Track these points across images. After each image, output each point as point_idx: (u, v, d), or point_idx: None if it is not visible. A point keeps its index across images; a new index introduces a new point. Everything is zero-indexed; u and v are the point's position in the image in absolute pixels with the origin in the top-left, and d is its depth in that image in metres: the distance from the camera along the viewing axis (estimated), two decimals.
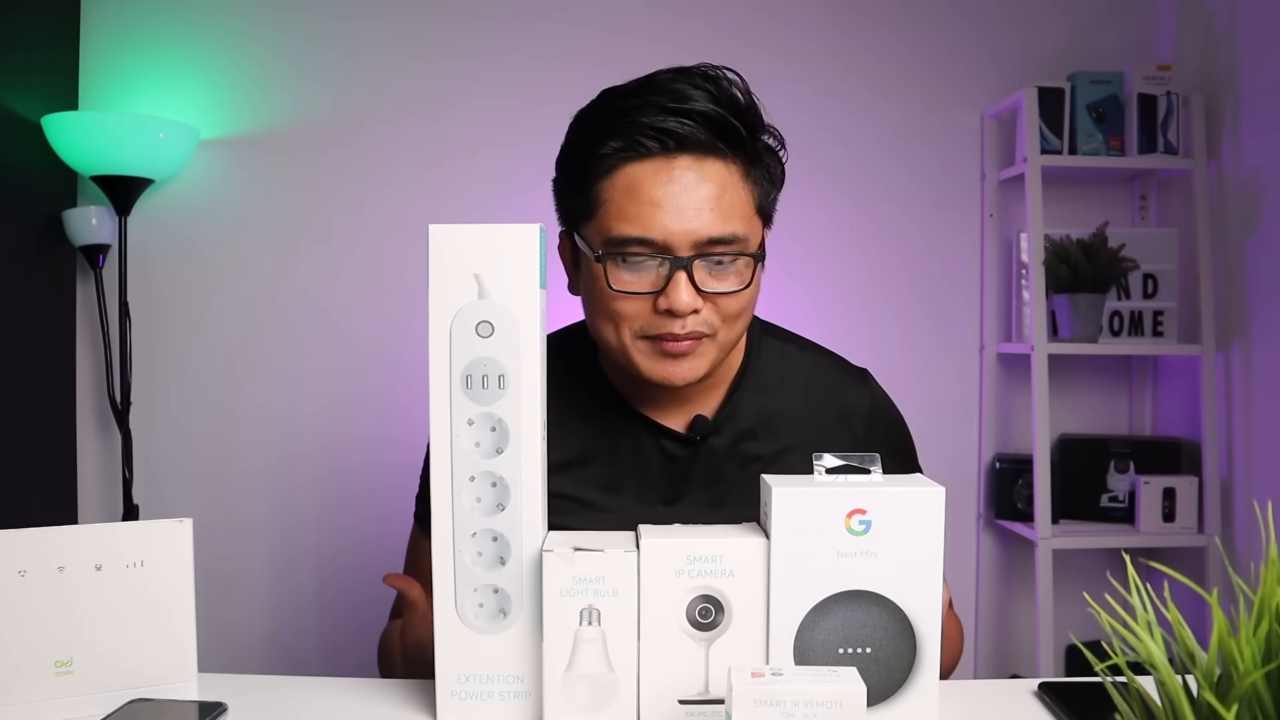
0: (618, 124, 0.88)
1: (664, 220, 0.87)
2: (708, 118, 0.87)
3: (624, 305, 0.89)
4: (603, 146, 0.89)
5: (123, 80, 2.03)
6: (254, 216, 2.06)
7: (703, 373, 0.92)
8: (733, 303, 0.90)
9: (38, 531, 0.77)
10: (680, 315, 0.88)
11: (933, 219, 2.14)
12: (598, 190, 0.90)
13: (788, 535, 0.73)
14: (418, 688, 0.85)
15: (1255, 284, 1.88)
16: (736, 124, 0.88)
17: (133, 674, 0.80)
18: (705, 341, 0.90)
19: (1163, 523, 1.96)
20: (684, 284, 0.87)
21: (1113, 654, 0.53)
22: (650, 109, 0.87)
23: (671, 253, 0.87)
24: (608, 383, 1.01)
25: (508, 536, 0.77)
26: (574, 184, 0.92)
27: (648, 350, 0.91)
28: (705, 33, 2.07)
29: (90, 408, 2.04)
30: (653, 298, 0.88)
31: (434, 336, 0.76)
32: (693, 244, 0.87)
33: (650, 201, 0.87)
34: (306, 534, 2.07)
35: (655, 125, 0.87)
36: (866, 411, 1.03)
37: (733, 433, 1.00)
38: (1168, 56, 2.11)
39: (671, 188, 0.87)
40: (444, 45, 2.06)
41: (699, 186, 0.87)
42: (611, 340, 0.92)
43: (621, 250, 0.88)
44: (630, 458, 0.99)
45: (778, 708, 0.61)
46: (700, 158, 0.88)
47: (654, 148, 0.87)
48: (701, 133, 0.87)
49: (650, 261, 0.88)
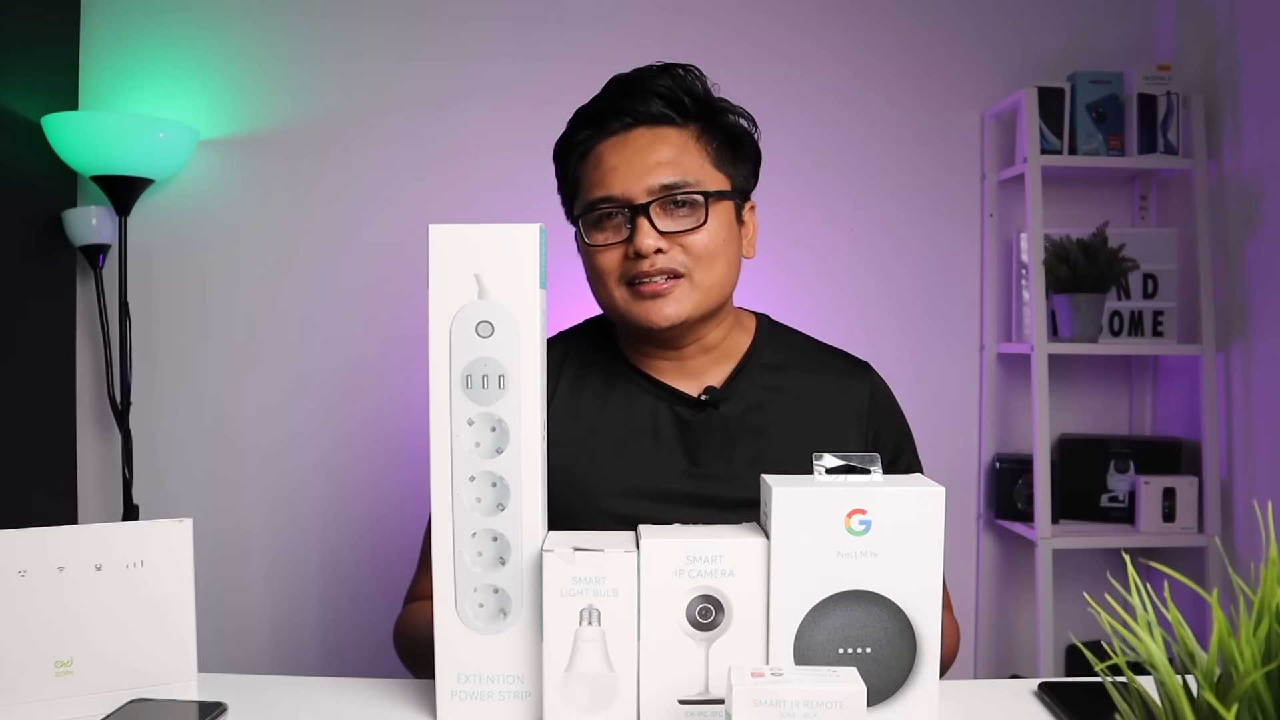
0: (588, 117, 1.04)
1: (620, 178, 1.00)
2: (659, 94, 1.02)
3: (603, 259, 1.01)
4: (578, 135, 1.04)
5: (123, 80, 2.03)
6: (254, 216, 2.06)
7: (685, 313, 1.00)
8: (696, 241, 1.00)
9: (38, 531, 0.77)
10: (645, 255, 0.98)
11: (933, 219, 2.14)
12: (577, 174, 1.05)
13: (788, 535, 0.73)
14: (418, 688, 0.85)
15: (1255, 284, 1.88)
16: (684, 96, 1.02)
17: (133, 674, 0.80)
18: (681, 283, 1.00)
19: (1163, 523, 1.96)
20: (644, 227, 0.98)
21: (1113, 654, 0.53)
22: (612, 97, 1.04)
23: (631, 203, 0.99)
24: (625, 360, 1.09)
25: (508, 536, 0.77)
26: (562, 177, 1.08)
27: (629, 296, 1.01)
28: (705, 32, 2.07)
29: (90, 408, 2.04)
30: (624, 246, 1.00)
31: (434, 336, 0.76)
32: (647, 191, 0.99)
33: (609, 166, 1.01)
34: (306, 534, 2.07)
35: (615, 106, 1.02)
36: (867, 397, 1.09)
37: (741, 404, 1.06)
38: (1168, 56, 2.11)
39: (627, 152, 1.01)
40: (444, 45, 2.06)
41: (652, 147, 1.01)
42: (604, 298, 1.03)
43: (591, 211, 1.01)
44: (645, 420, 1.06)
45: (778, 708, 0.61)
46: (654, 127, 1.02)
47: (616, 126, 1.02)
48: (654, 106, 1.01)
49: (616, 216, 1.01)
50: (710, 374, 1.07)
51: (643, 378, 1.07)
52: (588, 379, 1.08)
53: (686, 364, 1.07)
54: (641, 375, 1.08)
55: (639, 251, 0.98)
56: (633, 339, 1.08)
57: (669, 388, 1.06)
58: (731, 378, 1.07)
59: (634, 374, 1.08)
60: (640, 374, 1.08)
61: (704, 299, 1.01)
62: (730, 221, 1.03)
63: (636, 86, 1.02)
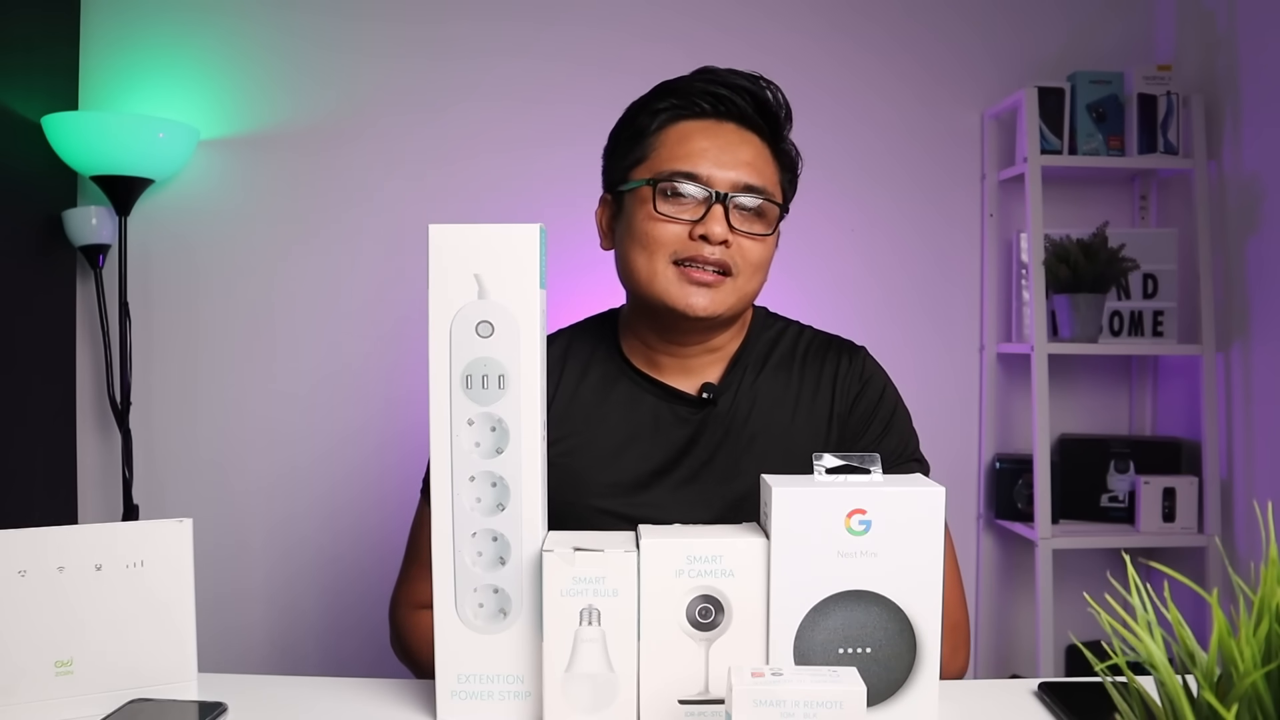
0: (675, 90, 1.03)
1: (710, 162, 0.99)
2: (752, 95, 1.03)
3: (663, 230, 0.99)
4: (661, 103, 1.03)
5: (123, 80, 2.03)
6: (254, 216, 2.06)
7: (719, 311, 0.99)
8: (755, 249, 1.00)
9: (38, 531, 0.77)
10: (713, 242, 0.98)
11: (933, 219, 2.14)
12: (652, 141, 1.03)
13: (788, 535, 0.73)
14: (418, 688, 0.85)
15: (1255, 284, 1.88)
16: (773, 109, 1.04)
17: (133, 674, 0.80)
18: (728, 282, 1.00)
19: (1163, 523, 1.96)
20: (720, 215, 0.98)
21: (1113, 654, 0.53)
22: (705, 81, 1.03)
23: (714, 188, 0.99)
24: (625, 358, 1.09)
25: (508, 536, 0.77)
26: (629, 140, 1.05)
27: (674, 277, 0.99)
28: (705, 33, 2.07)
29: (90, 408, 2.04)
30: (690, 225, 0.99)
31: (434, 336, 0.76)
32: (731, 185, 0.99)
33: (699, 147, 1.00)
34: (306, 534, 2.07)
35: (709, 91, 1.02)
36: (855, 379, 1.09)
37: (737, 399, 1.07)
38: (1168, 56, 2.11)
39: (719, 139, 1.01)
40: (444, 45, 2.06)
41: (740, 145, 1.01)
42: (642, 269, 1.01)
43: (672, 181, 0.99)
44: (645, 419, 1.06)
45: (778, 708, 0.61)
46: (742, 127, 1.03)
47: (705, 108, 1.02)
48: (746, 105, 1.02)
49: (693, 196, 0.99)
50: (708, 371, 1.08)
51: (643, 378, 1.07)
52: (589, 377, 1.08)
53: (687, 362, 1.07)
54: (641, 375, 1.07)
55: (708, 236, 0.97)
56: (640, 330, 1.07)
57: (669, 388, 1.06)
58: (727, 372, 1.07)
59: (634, 374, 1.08)
60: (640, 374, 1.07)
61: (739, 303, 1.01)
62: (777, 240, 1.05)
63: (733, 81, 1.03)
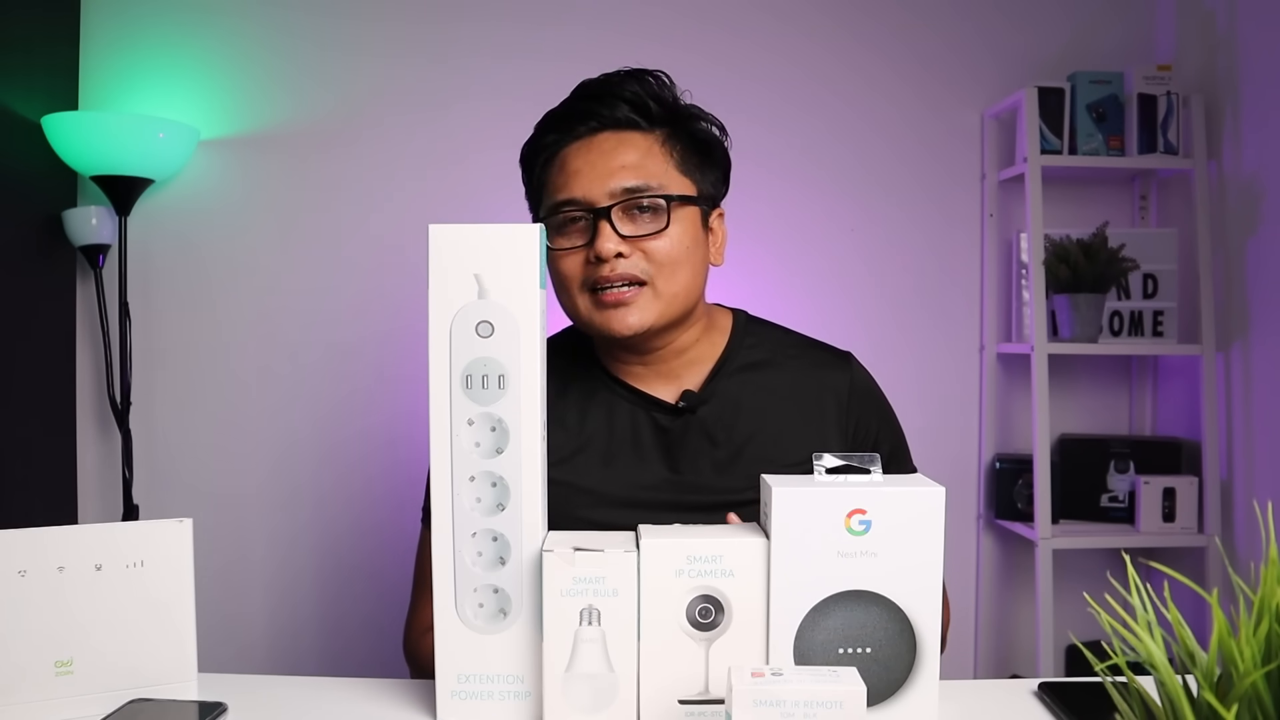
0: (553, 120, 1.04)
1: (582, 181, 0.99)
2: (625, 99, 1.01)
3: (565, 263, 1.00)
4: (545, 137, 1.04)
5: (123, 80, 2.03)
6: (254, 216, 2.06)
7: (648, 322, 0.98)
8: (658, 246, 0.98)
9: (38, 531, 0.77)
10: (606, 259, 0.96)
11: (933, 219, 2.14)
12: (542, 178, 1.04)
13: (788, 535, 0.73)
14: (418, 688, 0.85)
15: (1255, 284, 1.88)
16: (650, 101, 1.01)
17: (133, 674, 0.80)
18: (644, 291, 0.98)
19: (1163, 523, 1.96)
20: (605, 230, 0.97)
21: (1113, 654, 0.53)
22: (577, 98, 1.03)
23: (593, 206, 0.98)
24: (602, 367, 1.08)
25: (508, 536, 0.77)
26: (528, 181, 1.08)
27: (592, 304, 0.99)
28: (705, 32, 2.07)
29: (90, 408, 2.04)
30: (585, 251, 0.98)
31: (434, 336, 0.76)
32: (609, 195, 0.98)
33: (573, 170, 1.00)
34: (306, 534, 2.07)
35: (581, 110, 1.02)
36: (847, 388, 1.07)
37: (719, 407, 1.05)
38: (1168, 56, 2.11)
39: (590, 155, 1.00)
40: (444, 45, 2.06)
41: (616, 151, 1.00)
42: (568, 305, 1.02)
43: (556, 214, 1.00)
44: (626, 430, 1.05)
45: (778, 708, 0.61)
46: (619, 132, 1.01)
47: (582, 130, 1.01)
48: (620, 110, 1.01)
49: (579, 221, 0.99)
50: (686, 377, 1.06)
51: (621, 386, 1.06)
52: (568, 392, 1.06)
53: (661, 368, 1.05)
54: (619, 384, 1.06)
55: (599, 255, 0.96)
56: (606, 345, 1.06)
57: (646, 395, 1.05)
58: (708, 380, 1.06)
59: (612, 382, 1.06)
60: (618, 382, 1.06)
61: (667, 308, 0.99)
62: (695, 228, 1.02)
63: (603, 91, 1.02)
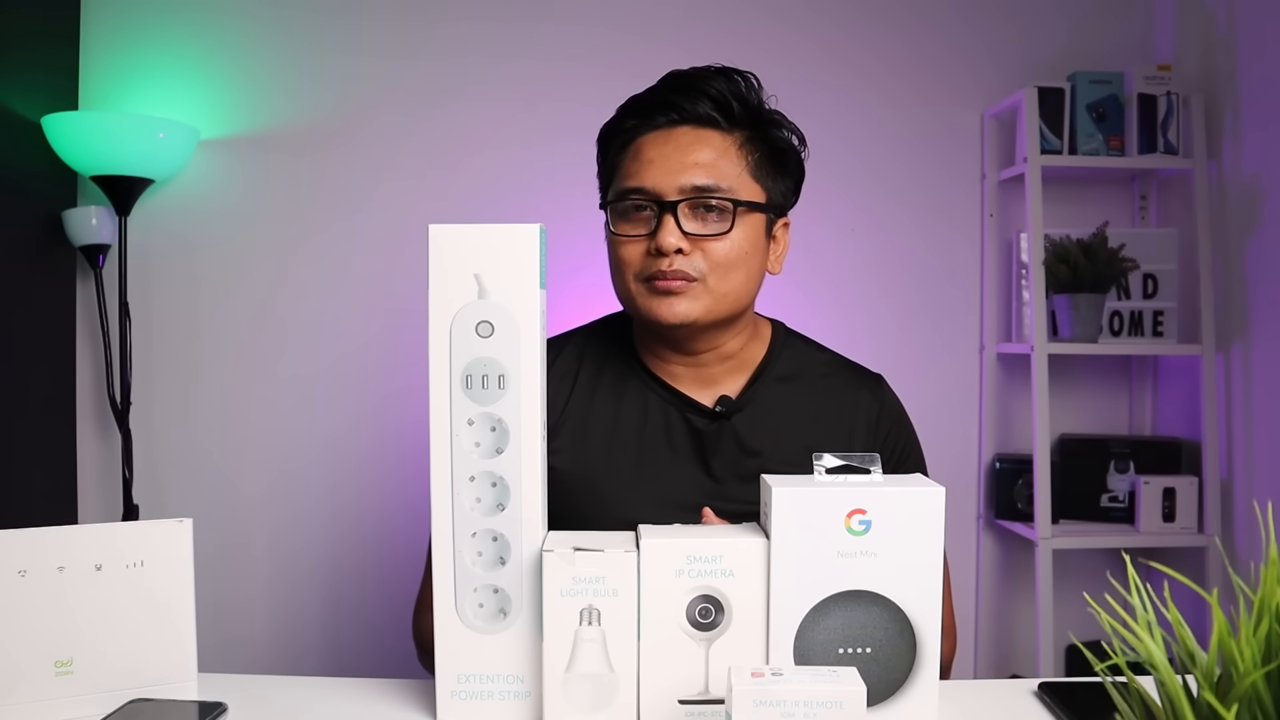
0: (637, 106, 1.04)
1: (655, 173, 0.99)
2: (709, 96, 1.00)
3: (626, 250, 1.00)
4: (625, 122, 1.04)
5: (123, 80, 2.03)
6: (254, 216, 2.06)
7: (695, 315, 0.99)
8: (718, 248, 0.98)
9: (38, 531, 0.77)
10: (666, 253, 0.97)
11: (933, 219, 2.14)
12: (616, 162, 1.04)
13: (788, 535, 0.73)
14: (418, 688, 0.85)
15: (1255, 284, 1.88)
16: (733, 101, 1.01)
17: (133, 674, 0.80)
18: (695, 286, 0.98)
19: (1163, 523, 1.96)
20: (669, 225, 0.97)
21: (1113, 654, 0.53)
22: (664, 89, 1.03)
23: (661, 199, 0.98)
24: (640, 362, 1.08)
25: (508, 536, 0.77)
26: (601, 163, 1.07)
27: (644, 291, 1.00)
28: (705, 32, 2.07)
29: (90, 408, 2.04)
30: (647, 241, 0.99)
31: (434, 336, 0.76)
32: (679, 191, 0.98)
33: (647, 159, 1.00)
34: (307, 534, 2.07)
35: (663, 101, 1.01)
36: (876, 411, 1.08)
37: (753, 416, 1.06)
38: (1168, 56, 2.11)
39: (666, 148, 1.00)
40: (444, 45, 2.06)
41: (693, 147, 1.00)
42: (621, 289, 1.03)
43: (623, 200, 1.00)
44: (659, 427, 1.05)
45: (778, 708, 0.61)
46: (699, 128, 1.01)
47: (662, 121, 1.01)
48: (702, 106, 1.00)
49: (645, 210, 1.00)
50: (725, 383, 1.07)
51: (656, 382, 1.06)
52: (602, 379, 1.07)
53: (702, 372, 1.06)
54: (655, 380, 1.06)
55: (660, 248, 0.96)
56: (650, 340, 1.06)
57: (682, 395, 1.05)
58: (746, 389, 1.06)
59: (647, 377, 1.07)
60: (654, 378, 1.07)
61: (716, 305, 0.99)
62: (758, 234, 1.02)
63: (689, 84, 1.01)
